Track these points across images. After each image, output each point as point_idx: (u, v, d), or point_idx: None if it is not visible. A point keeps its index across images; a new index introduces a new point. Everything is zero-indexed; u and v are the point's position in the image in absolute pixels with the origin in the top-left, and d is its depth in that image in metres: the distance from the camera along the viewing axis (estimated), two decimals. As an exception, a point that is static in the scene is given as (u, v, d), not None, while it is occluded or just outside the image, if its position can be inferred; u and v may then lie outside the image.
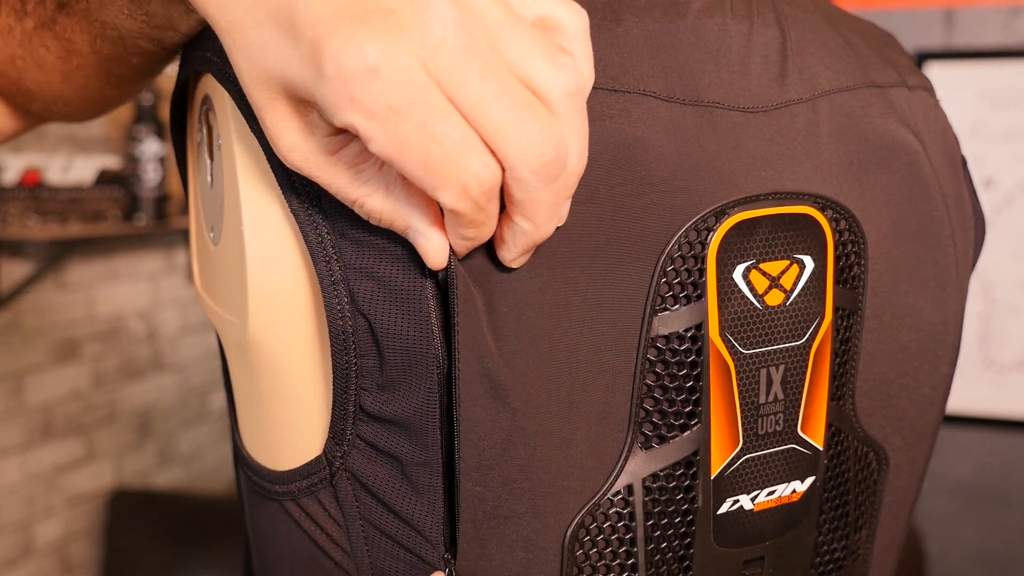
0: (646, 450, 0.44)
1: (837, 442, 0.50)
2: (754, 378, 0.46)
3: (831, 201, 0.47)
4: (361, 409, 0.42)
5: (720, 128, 0.45)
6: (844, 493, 0.51)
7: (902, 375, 0.52)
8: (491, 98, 0.33)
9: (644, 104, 0.43)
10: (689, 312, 0.44)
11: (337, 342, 0.41)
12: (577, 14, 0.36)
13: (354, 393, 0.42)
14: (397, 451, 0.42)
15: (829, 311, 0.47)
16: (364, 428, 0.42)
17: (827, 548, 0.52)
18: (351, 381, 0.41)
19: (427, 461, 0.42)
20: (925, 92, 0.54)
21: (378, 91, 0.32)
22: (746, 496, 0.47)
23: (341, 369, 0.41)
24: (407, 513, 0.43)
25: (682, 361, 0.44)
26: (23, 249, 2.34)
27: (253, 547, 0.52)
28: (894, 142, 0.50)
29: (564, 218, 0.39)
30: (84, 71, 0.49)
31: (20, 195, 2.24)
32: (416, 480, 0.42)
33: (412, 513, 0.43)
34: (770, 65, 0.47)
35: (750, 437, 0.46)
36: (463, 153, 0.33)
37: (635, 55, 0.44)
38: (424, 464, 0.42)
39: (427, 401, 0.41)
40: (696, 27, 0.45)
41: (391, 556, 0.44)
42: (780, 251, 0.46)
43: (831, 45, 0.50)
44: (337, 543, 0.45)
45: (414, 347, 0.40)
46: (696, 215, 0.43)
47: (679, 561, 0.46)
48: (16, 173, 2.32)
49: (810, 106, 0.48)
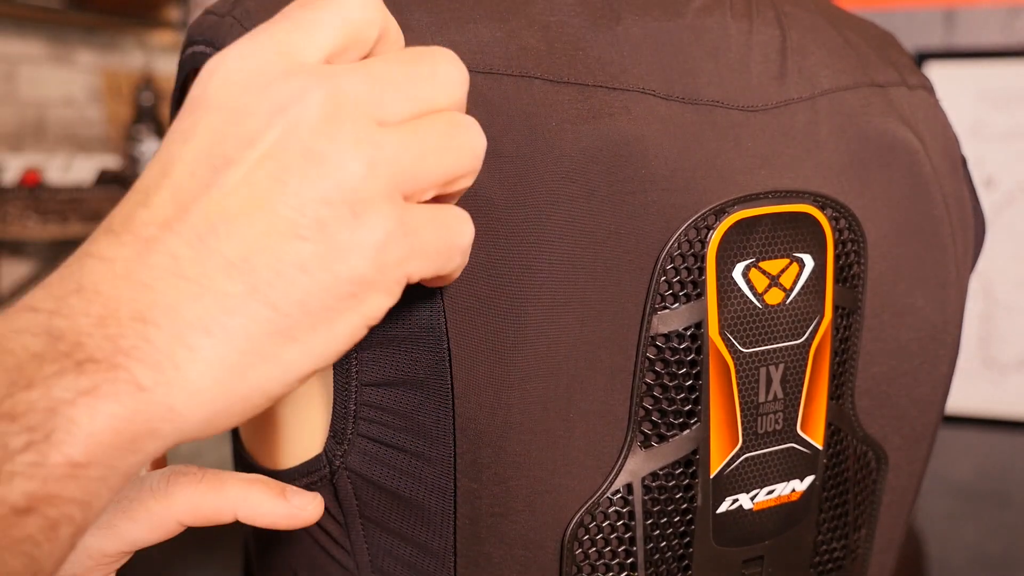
0: (645, 449, 0.44)
1: (836, 441, 0.50)
2: (753, 377, 0.46)
3: (831, 200, 0.47)
4: (362, 403, 0.42)
5: (720, 126, 0.45)
6: (843, 492, 0.51)
7: (902, 374, 0.52)
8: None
9: (644, 102, 0.43)
10: (689, 310, 0.44)
11: None
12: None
13: (355, 390, 0.42)
14: (399, 446, 0.42)
15: (829, 310, 0.47)
16: (364, 426, 0.42)
17: (826, 547, 0.52)
18: (351, 377, 0.41)
19: (430, 457, 0.42)
20: (925, 92, 0.54)
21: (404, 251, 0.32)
22: (745, 495, 0.47)
23: (341, 364, 0.41)
24: (409, 512, 0.43)
25: (681, 360, 0.44)
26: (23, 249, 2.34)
27: (253, 546, 0.52)
28: (894, 141, 0.50)
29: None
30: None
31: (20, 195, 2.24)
32: (418, 477, 0.42)
33: (414, 513, 0.43)
34: (770, 64, 0.47)
35: (749, 436, 0.46)
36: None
37: (635, 53, 0.44)
38: (427, 460, 0.42)
39: (428, 395, 0.41)
40: (696, 25, 0.45)
41: (391, 555, 0.44)
42: (780, 250, 0.46)
43: (831, 44, 0.50)
44: (337, 541, 0.45)
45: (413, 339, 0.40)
46: (696, 213, 0.43)
47: (678, 560, 0.46)
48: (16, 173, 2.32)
49: (810, 105, 0.48)
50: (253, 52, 0.31)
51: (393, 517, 0.43)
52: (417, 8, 0.42)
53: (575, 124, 0.41)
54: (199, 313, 0.28)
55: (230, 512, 0.40)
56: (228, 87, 0.31)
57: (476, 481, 0.42)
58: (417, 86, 0.32)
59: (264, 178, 0.30)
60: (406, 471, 0.42)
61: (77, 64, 2.55)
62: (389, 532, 0.44)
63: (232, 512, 0.40)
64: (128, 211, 0.30)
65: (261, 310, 0.29)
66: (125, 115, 2.63)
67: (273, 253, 0.29)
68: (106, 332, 0.27)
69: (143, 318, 0.27)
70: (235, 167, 0.30)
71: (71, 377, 0.26)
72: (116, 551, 0.40)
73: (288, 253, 0.29)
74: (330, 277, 0.30)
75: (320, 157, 0.30)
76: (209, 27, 0.43)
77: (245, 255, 0.29)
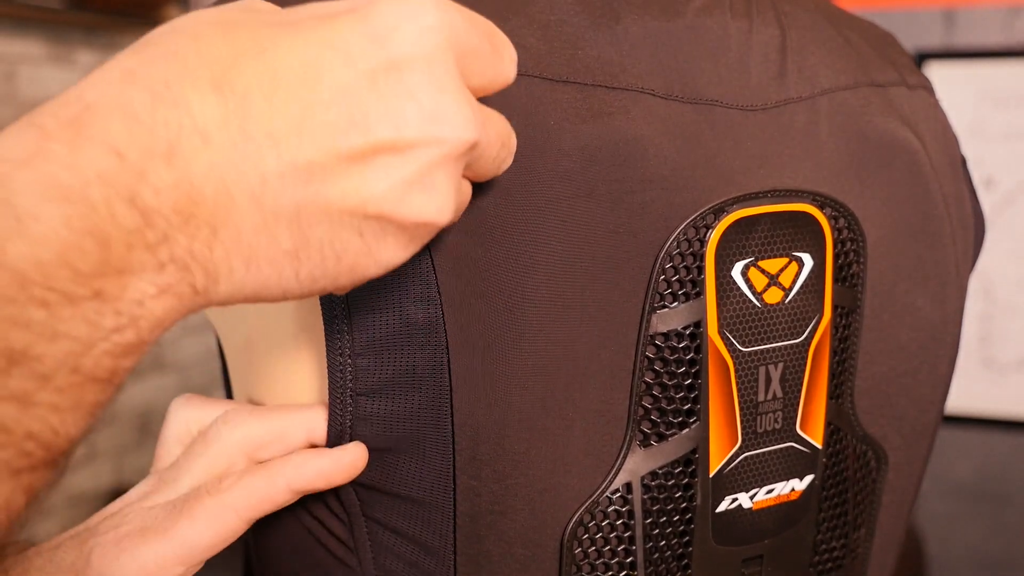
0: (645, 448, 0.44)
1: (836, 440, 0.50)
2: (753, 376, 0.46)
3: (830, 199, 0.47)
4: (358, 417, 0.42)
5: (719, 126, 0.45)
6: (843, 492, 0.51)
7: (901, 374, 0.52)
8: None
9: (643, 102, 0.43)
10: (688, 310, 0.44)
11: (332, 341, 0.41)
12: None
13: (350, 397, 0.42)
14: (397, 450, 0.42)
15: (828, 309, 0.47)
16: (361, 429, 0.42)
17: (826, 547, 0.52)
18: (346, 383, 0.41)
19: (429, 457, 0.42)
20: (925, 91, 0.54)
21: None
22: (745, 494, 0.47)
23: (336, 370, 0.41)
24: (410, 510, 0.43)
25: (681, 359, 0.44)
26: (23, 249, 2.34)
27: (253, 543, 0.52)
28: (894, 141, 0.50)
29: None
30: None
31: (20, 195, 2.23)
32: (417, 478, 0.42)
33: (415, 511, 0.43)
34: (769, 63, 0.47)
35: (749, 435, 0.46)
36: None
37: (634, 53, 0.44)
38: (426, 461, 0.42)
39: (426, 394, 0.41)
40: (695, 25, 0.45)
41: (393, 553, 0.44)
42: (779, 249, 0.46)
43: (831, 44, 0.50)
44: (340, 539, 0.45)
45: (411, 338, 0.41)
46: (695, 212, 0.43)
47: (678, 559, 0.46)
48: (16, 173, 2.32)
49: (810, 104, 0.48)
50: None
51: (394, 516, 0.43)
52: None
53: (574, 123, 0.41)
54: (252, 244, 0.31)
55: (283, 485, 0.41)
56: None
57: (476, 478, 0.42)
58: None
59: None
60: (405, 473, 0.42)
61: (77, 64, 2.55)
62: (391, 530, 0.44)
63: (285, 484, 0.41)
64: (245, 86, 0.30)
65: (288, 271, 0.32)
66: (125, 115, 2.63)
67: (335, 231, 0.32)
68: (187, 231, 0.29)
69: (215, 228, 0.30)
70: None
71: (155, 272, 0.29)
72: (175, 560, 0.40)
73: (340, 240, 0.33)
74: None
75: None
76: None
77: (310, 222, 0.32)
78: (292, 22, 0.32)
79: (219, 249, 0.30)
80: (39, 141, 0.28)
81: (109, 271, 0.28)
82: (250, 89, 0.30)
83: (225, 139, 0.30)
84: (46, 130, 0.28)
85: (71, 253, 0.27)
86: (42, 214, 0.27)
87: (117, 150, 0.28)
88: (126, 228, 0.28)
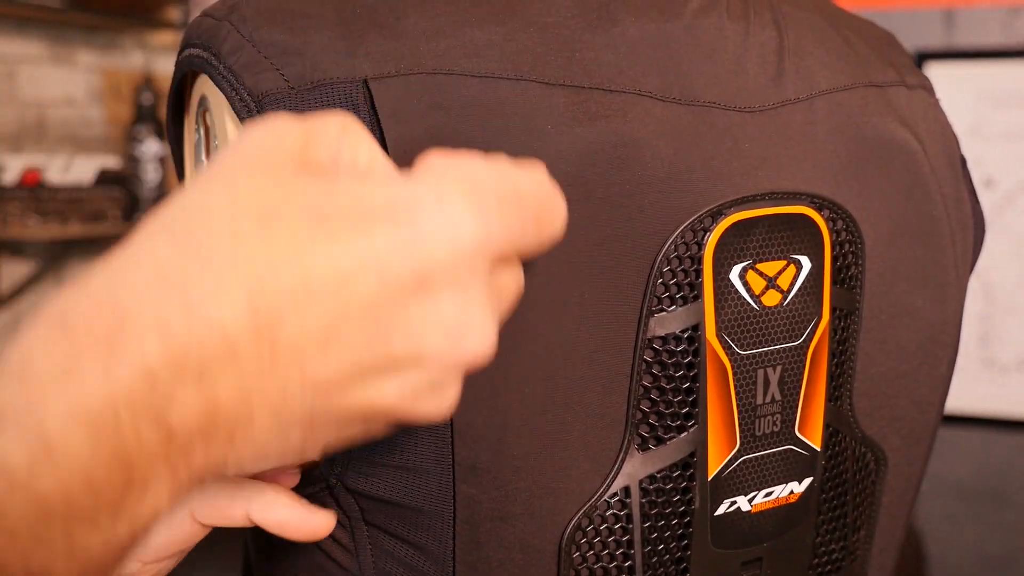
0: (643, 451, 0.44)
1: (835, 443, 0.50)
2: (751, 379, 0.46)
3: (828, 201, 0.47)
4: None
5: (717, 128, 0.45)
6: (842, 494, 0.51)
7: (901, 375, 0.52)
8: None
9: (640, 104, 0.43)
10: (686, 313, 0.44)
11: None
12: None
13: None
14: (395, 465, 0.42)
15: (826, 311, 0.47)
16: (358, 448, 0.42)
17: (825, 549, 0.52)
18: None
19: (428, 469, 0.42)
20: (924, 91, 0.54)
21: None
22: (743, 497, 0.47)
23: None
24: (410, 517, 0.43)
25: (679, 362, 0.44)
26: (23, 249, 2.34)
27: (253, 546, 0.52)
28: (892, 141, 0.50)
29: None
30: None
31: (20, 195, 2.24)
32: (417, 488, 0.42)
33: (415, 518, 0.43)
34: (767, 65, 0.47)
35: (747, 438, 0.46)
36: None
37: (631, 55, 0.44)
38: (425, 472, 0.42)
39: None
40: (692, 27, 0.45)
41: (393, 557, 0.44)
42: (777, 251, 0.45)
43: (829, 44, 0.50)
44: (341, 543, 0.45)
45: None
46: (692, 215, 0.43)
47: (676, 563, 0.46)
48: (16, 173, 2.32)
49: (807, 105, 0.48)
50: None
51: (394, 522, 0.43)
52: (412, 12, 0.42)
53: (571, 126, 0.41)
54: (263, 445, 0.31)
55: (243, 511, 0.41)
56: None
57: (475, 486, 0.42)
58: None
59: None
60: (405, 484, 0.42)
61: (77, 64, 2.55)
62: (391, 535, 0.44)
63: (245, 511, 0.41)
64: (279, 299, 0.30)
65: (292, 457, 0.32)
66: (125, 115, 2.64)
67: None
68: (204, 442, 0.29)
69: (231, 438, 0.30)
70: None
71: (170, 481, 0.29)
72: (139, 558, 0.41)
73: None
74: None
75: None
76: (206, 31, 0.43)
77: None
78: (330, 216, 0.31)
79: (232, 455, 0.30)
80: (71, 355, 0.27)
81: (130, 492, 0.28)
82: (283, 302, 0.29)
83: (253, 357, 0.29)
84: (78, 343, 0.28)
85: (96, 479, 0.27)
86: (72, 443, 0.27)
87: (150, 371, 0.28)
88: (149, 449, 0.28)
